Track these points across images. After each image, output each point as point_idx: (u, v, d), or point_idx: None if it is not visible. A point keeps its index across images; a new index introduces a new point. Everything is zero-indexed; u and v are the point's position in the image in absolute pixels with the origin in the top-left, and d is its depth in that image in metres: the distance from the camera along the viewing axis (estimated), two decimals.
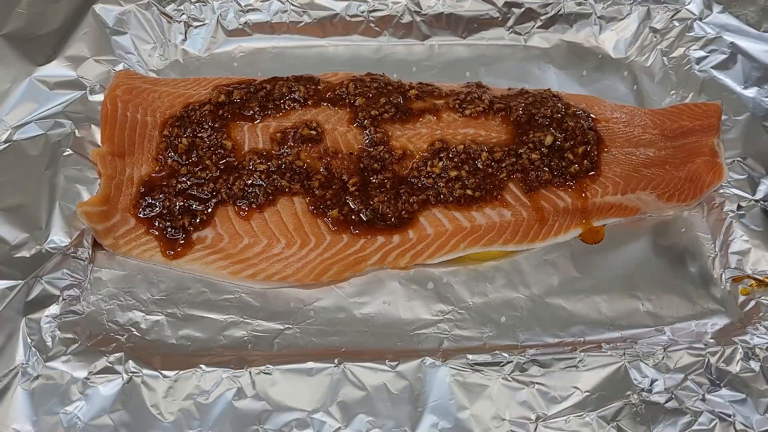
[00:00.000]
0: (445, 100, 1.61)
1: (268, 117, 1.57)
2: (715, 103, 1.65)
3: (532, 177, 1.52)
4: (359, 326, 1.40)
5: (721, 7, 1.81)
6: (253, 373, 1.26)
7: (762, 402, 1.26)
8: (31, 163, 1.47)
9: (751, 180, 1.55)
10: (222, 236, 1.45)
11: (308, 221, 1.47)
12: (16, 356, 1.25)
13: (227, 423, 1.22)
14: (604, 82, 1.81)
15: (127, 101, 1.57)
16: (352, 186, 1.48)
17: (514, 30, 1.87)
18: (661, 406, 1.25)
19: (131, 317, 1.37)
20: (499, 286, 1.46)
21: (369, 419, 1.23)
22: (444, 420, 1.23)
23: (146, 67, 1.74)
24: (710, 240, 1.53)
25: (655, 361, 1.29)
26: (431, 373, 1.27)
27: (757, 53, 1.74)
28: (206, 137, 1.53)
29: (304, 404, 1.24)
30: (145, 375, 1.25)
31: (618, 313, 1.43)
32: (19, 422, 1.20)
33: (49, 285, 1.34)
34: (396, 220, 1.47)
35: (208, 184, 1.49)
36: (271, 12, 1.83)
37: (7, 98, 1.56)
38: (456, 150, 1.52)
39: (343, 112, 1.58)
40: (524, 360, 1.29)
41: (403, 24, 1.85)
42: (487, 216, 1.49)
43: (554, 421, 1.24)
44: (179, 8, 1.81)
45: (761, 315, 1.39)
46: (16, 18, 1.70)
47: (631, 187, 1.54)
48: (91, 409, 1.22)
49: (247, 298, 1.42)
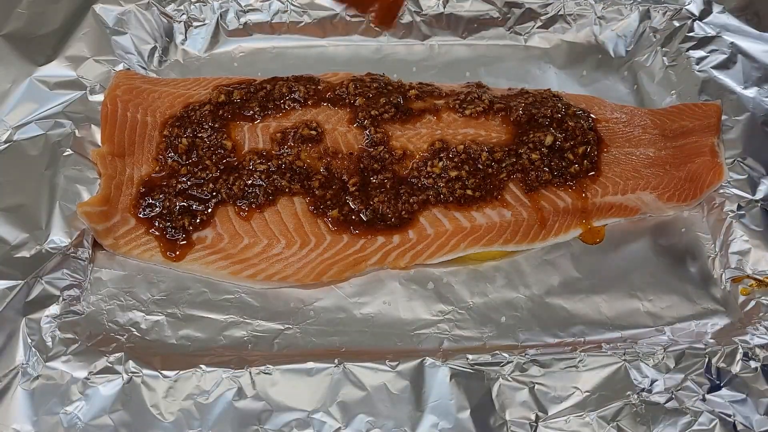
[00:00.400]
0: (445, 100, 1.61)
1: (268, 117, 1.57)
2: (715, 103, 1.65)
3: (532, 177, 1.52)
4: (359, 326, 1.40)
5: (721, 7, 1.81)
6: (253, 373, 1.26)
7: (762, 402, 1.26)
8: (31, 163, 1.47)
9: (751, 180, 1.55)
10: (222, 236, 1.45)
11: (308, 221, 1.47)
12: (16, 356, 1.25)
13: (227, 423, 1.22)
14: (604, 82, 1.81)
15: (127, 101, 1.57)
16: (352, 186, 1.48)
17: (514, 30, 1.87)
18: (661, 407, 1.25)
19: (131, 317, 1.37)
20: (499, 286, 1.46)
21: (369, 419, 1.23)
22: (444, 420, 1.23)
23: (146, 67, 1.74)
24: (710, 240, 1.53)
25: (655, 361, 1.29)
26: (431, 373, 1.27)
27: (757, 53, 1.74)
28: (206, 137, 1.53)
29: (304, 404, 1.24)
30: (145, 375, 1.25)
31: (618, 313, 1.43)
32: (19, 422, 1.20)
33: (49, 285, 1.34)
34: (396, 220, 1.47)
35: (208, 184, 1.49)
36: (271, 12, 1.83)
37: (7, 98, 1.56)
38: (456, 150, 1.52)
39: (343, 112, 1.58)
40: (524, 360, 1.29)
41: (403, 24, 1.85)
42: (487, 216, 1.49)
43: (554, 421, 1.24)
44: (179, 8, 1.81)
45: (761, 315, 1.39)
46: (16, 18, 1.70)
47: (631, 187, 1.54)
48: (91, 409, 1.22)
49: (247, 298, 1.42)
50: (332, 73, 1.69)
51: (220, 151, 1.52)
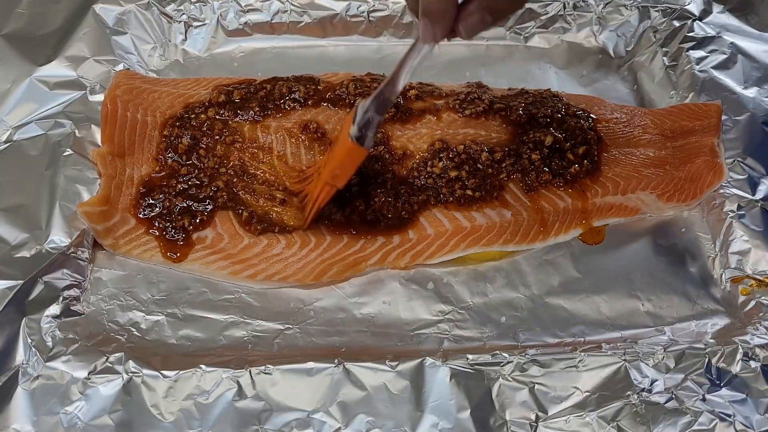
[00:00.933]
0: (445, 100, 1.61)
1: (268, 117, 1.57)
2: (715, 103, 1.65)
3: (533, 177, 1.52)
4: (359, 326, 1.40)
5: (721, 7, 1.81)
6: (253, 373, 1.26)
7: (762, 402, 1.26)
8: (31, 163, 1.47)
9: (751, 180, 1.55)
10: (222, 236, 1.45)
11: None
12: (16, 356, 1.25)
13: (227, 423, 1.22)
14: (604, 82, 1.81)
15: (127, 101, 1.57)
16: (353, 186, 1.48)
17: (514, 30, 1.87)
18: (661, 406, 1.25)
19: (131, 317, 1.37)
20: (499, 286, 1.46)
21: (369, 419, 1.23)
22: (444, 420, 1.23)
23: (146, 67, 1.74)
24: (710, 240, 1.53)
25: (655, 361, 1.29)
26: (431, 373, 1.27)
27: (757, 53, 1.74)
28: (206, 137, 1.53)
29: (304, 404, 1.24)
30: (145, 375, 1.25)
31: (618, 313, 1.43)
32: (19, 422, 1.20)
33: (49, 285, 1.34)
34: (396, 221, 1.47)
35: (208, 184, 1.49)
36: (271, 12, 1.83)
37: (7, 98, 1.56)
38: (456, 150, 1.52)
39: (344, 112, 1.58)
40: (524, 360, 1.29)
41: (403, 24, 1.85)
42: (487, 216, 1.49)
43: (554, 421, 1.24)
44: (179, 8, 1.81)
45: (761, 315, 1.39)
46: (16, 18, 1.70)
47: (631, 187, 1.55)
48: (91, 409, 1.21)
49: (247, 298, 1.42)
50: (332, 73, 1.69)
51: (221, 151, 1.52)
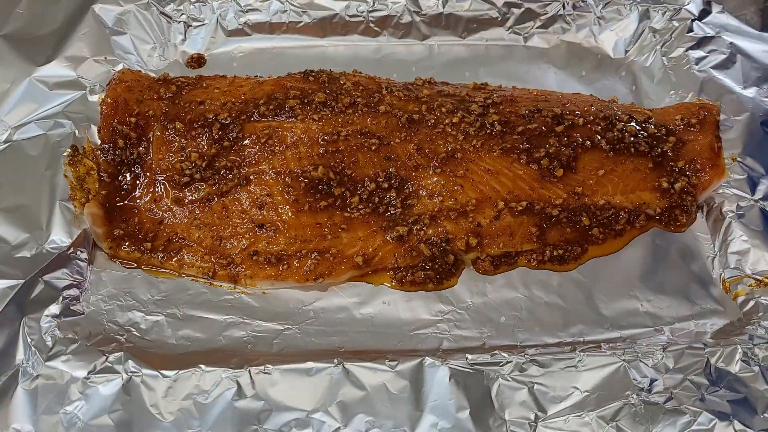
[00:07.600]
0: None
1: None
2: (715, 104, 1.65)
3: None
4: (359, 326, 1.40)
5: (720, 7, 1.81)
6: (252, 373, 1.26)
7: (761, 402, 1.26)
8: (31, 163, 1.48)
9: (750, 180, 1.55)
10: (222, 237, 1.45)
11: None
12: (16, 356, 1.26)
13: (227, 423, 1.22)
14: (604, 82, 1.81)
15: (127, 101, 1.56)
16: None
17: (513, 30, 1.87)
18: (660, 406, 1.25)
19: (131, 317, 1.37)
20: (498, 286, 1.46)
21: (368, 419, 1.23)
22: (444, 420, 1.23)
23: (146, 67, 1.74)
24: (710, 240, 1.53)
25: (655, 361, 1.29)
26: (431, 373, 1.27)
27: (757, 53, 1.74)
28: (207, 139, 1.52)
29: (304, 404, 1.24)
30: (144, 375, 1.25)
31: (617, 313, 1.43)
32: (19, 422, 1.20)
33: (49, 285, 1.34)
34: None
35: (209, 185, 1.48)
36: (271, 12, 1.83)
37: (7, 98, 1.57)
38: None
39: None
40: (524, 360, 1.29)
41: (403, 24, 1.85)
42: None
43: (554, 421, 1.24)
44: (179, 8, 1.81)
45: (760, 315, 1.39)
46: (16, 18, 1.70)
47: (632, 187, 1.54)
48: (90, 408, 1.22)
49: (246, 299, 1.42)
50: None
51: (222, 153, 1.51)
